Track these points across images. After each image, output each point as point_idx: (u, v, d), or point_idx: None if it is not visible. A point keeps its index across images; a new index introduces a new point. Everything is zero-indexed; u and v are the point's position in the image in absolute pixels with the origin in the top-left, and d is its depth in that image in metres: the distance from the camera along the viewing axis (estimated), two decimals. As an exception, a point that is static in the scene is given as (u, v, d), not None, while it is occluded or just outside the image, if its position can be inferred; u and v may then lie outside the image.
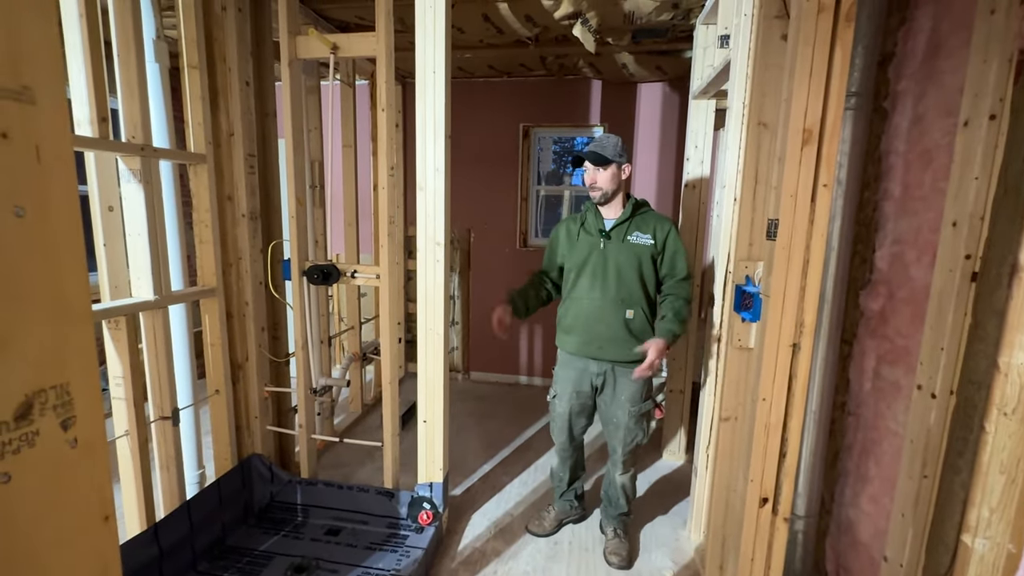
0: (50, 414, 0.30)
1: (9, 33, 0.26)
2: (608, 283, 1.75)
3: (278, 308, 2.25)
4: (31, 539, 0.29)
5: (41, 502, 0.29)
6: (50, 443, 0.30)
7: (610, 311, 1.75)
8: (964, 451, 1.08)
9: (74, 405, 0.31)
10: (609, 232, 1.77)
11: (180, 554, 1.69)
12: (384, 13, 1.75)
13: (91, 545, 0.32)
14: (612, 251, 1.75)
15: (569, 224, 1.88)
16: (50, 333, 0.30)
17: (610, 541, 1.95)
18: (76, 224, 0.31)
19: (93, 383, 0.33)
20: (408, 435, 2.63)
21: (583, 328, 1.79)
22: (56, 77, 0.28)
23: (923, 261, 1.27)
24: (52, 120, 0.28)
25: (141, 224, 1.60)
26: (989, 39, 1.04)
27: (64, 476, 0.31)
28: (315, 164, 2.54)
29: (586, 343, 1.79)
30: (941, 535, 1.13)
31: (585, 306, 1.78)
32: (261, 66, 2.08)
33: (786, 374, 1.19)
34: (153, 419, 1.73)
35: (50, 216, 0.29)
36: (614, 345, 1.76)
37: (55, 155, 0.29)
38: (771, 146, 1.45)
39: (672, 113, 3.36)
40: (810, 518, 1.62)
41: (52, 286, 0.30)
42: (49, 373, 0.30)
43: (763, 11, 1.41)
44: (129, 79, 1.53)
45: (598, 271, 1.76)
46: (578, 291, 1.80)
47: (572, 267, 1.82)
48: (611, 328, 1.75)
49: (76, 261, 0.31)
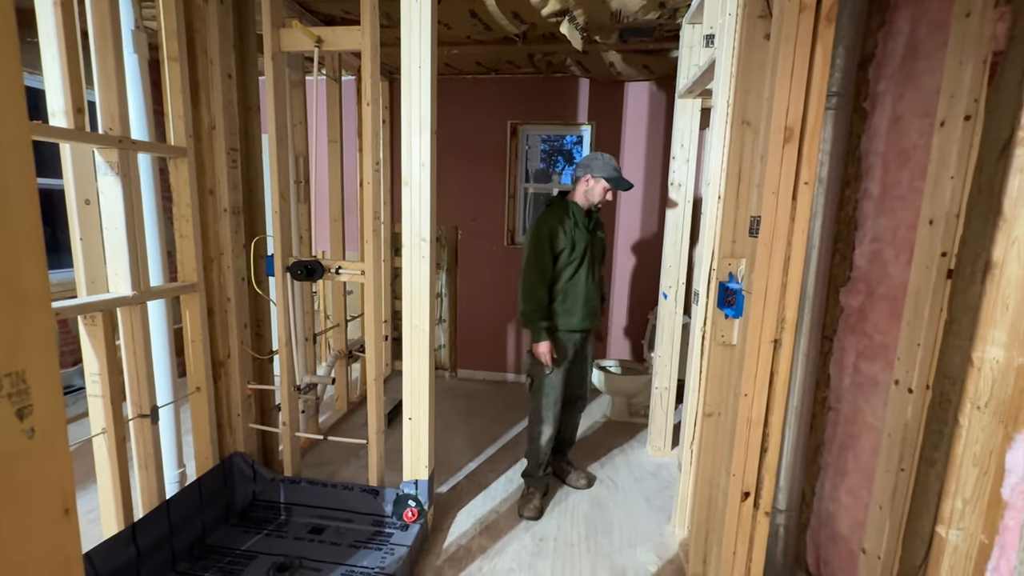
0: (4, 402, 0.29)
1: (-42, 6, 0.25)
2: (595, 269, 2.17)
3: (262, 305, 2.22)
4: (-16, 533, 0.28)
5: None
6: (5, 432, 0.29)
7: (594, 292, 2.18)
8: (939, 444, 1.10)
9: (31, 393, 0.30)
10: (591, 229, 2.17)
11: (159, 554, 1.66)
12: (369, 7, 1.73)
13: (51, 539, 0.31)
14: (594, 244, 2.17)
15: (560, 221, 2.11)
16: (4, 320, 0.29)
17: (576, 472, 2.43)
18: (33, 205, 0.29)
19: (52, 372, 0.32)
20: (394, 433, 2.61)
21: (582, 306, 2.14)
22: (9, 50, 0.27)
23: (901, 259, 1.29)
24: (6, 104, 0.27)
25: (119, 218, 1.57)
26: (964, 41, 1.06)
27: (21, 467, 0.30)
28: (300, 159, 2.51)
29: (584, 317, 2.16)
30: (917, 527, 1.16)
31: (583, 289, 2.14)
32: (244, 59, 2.04)
33: (768, 370, 1.21)
34: (131, 417, 1.69)
35: (6, 203, 0.28)
36: (594, 316, 2.21)
37: (8, 136, 0.28)
38: (754, 144, 1.47)
39: (659, 112, 3.38)
40: (791, 512, 1.64)
41: (8, 273, 0.29)
42: (3, 360, 0.28)
43: (747, 10, 1.42)
44: (106, 70, 1.49)
45: (587, 260, 2.13)
46: (578, 277, 2.12)
47: (576, 258, 2.11)
48: (594, 304, 2.19)
49: (33, 244, 0.30)
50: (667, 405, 2.63)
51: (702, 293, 1.76)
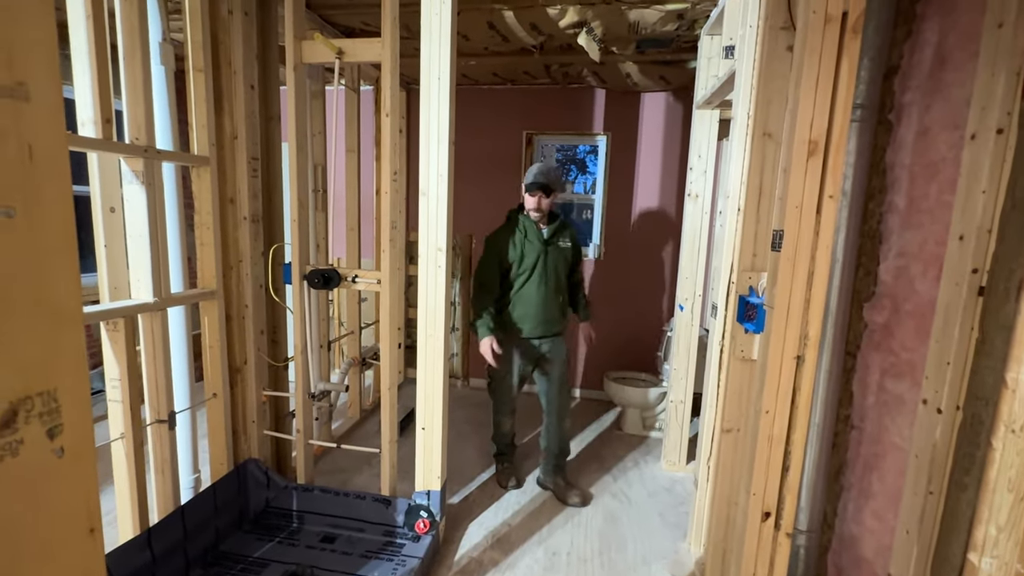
0: (35, 422, 0.28)
1: (5, 27, 0.25)
2: (549, 279, 2.25)
3: (278, 312, 2.24)
4: (14, 552, 0.27)
5: (25, 514, 0.28)
6: (35, 452, 0.29)
7: (551, 299, 2.26)
8: (971, 468, 1.06)
9: (61, 413, 0.30)
10: (547, 241, 2.24)
11: (173, 560, 1.67)
12: (390, 19, 1.75)
13: (76, 558, 0.31)
14: (550, 254, 2.24)
15: (507, 234, 2.23)
16: (38, 338, 0.29)
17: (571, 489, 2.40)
18: (69, 225, 0.30)
19: (82, 390, 0.32)
20: (406, 441, 2.61)
21: (534, 314, 2.24)
22: (52, 74, 0.27)
23: (928, 274, 1.26)
24: (46, 117, 0.27)
25: (142, 226, 1.60)
26: (997, 53, 1.03)
27: (49, 487, 0.30)
28: (318, 168, 2.54)
29: (536, 325, 2.25)
30: (947, 553, 1.11)
31: (535, 298, 2.22)
32: (266, 70, 2.08)
33: (790, 386, 1.18)
34: (149, 422, 1.71)
35: (42, 217, 0.28)
36: (553, 323, 2.28)
37: (49, 154, 0.28)
38: (775, 157, 1.45)
39: (675, 122, 3.37)
40: (812, 533, 1.59)
41: (42, 289, 0.29)
42: (36, 379, 0.28)
43: (769, 22, 1.41)
44: (134, 81, 1.53)
45: (542, 271, 2.22)
46: (527, 288, 2.22)
47: (526, 269, 2.20)
48: (552, 311, 2.28)
49: (68, 263, 0.30)
50: (682, 419, 2.59)
51: (720, 306, 1.73)
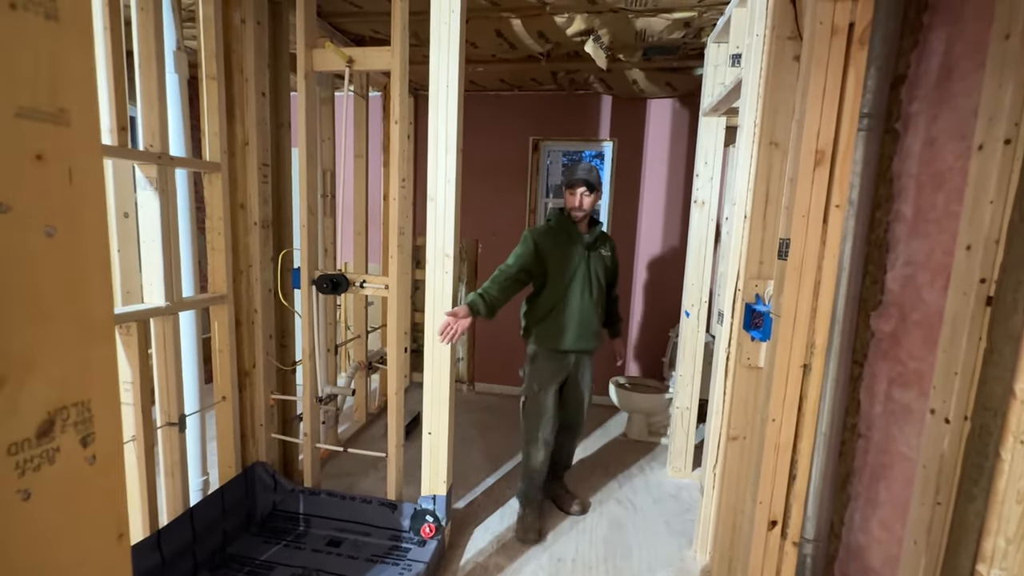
0: (71, 431, 0.30)
1: (51, 57, 0.27)
2: (593, 288, 2.06)
3: (286, 316, 2.26)
4: (50, 556, 0.29)
5: (60, 519, 0.29)
6: (70, 460, 0.30)
7: (592, 312, 2.07)
8: (979, 478, 1.06)
9: (94, 422, 0.31)
10: (589, 246, 2.07)
11: (182, 562, 1.68)
12: (400, 27, 1.77)
13: (107, 563, 0.32)
14: (592, 262, 2.07)
15: (549, 233, 2.07)
16: (74, 350, 0.30)
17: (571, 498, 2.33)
18: (104, 244, 0.31)
19: (114, 400, 0.33)
20: (412, 446, 2.62)
21: (576, 325, 2.04)
22: (91, 100, 0.29)
23: (936, 284, 1.26)
24: (85, 142, 0.29)
25: (155, 231, 1.62)
26: (1004, 63, 1.03)
27: (82, 493, 0.31)
28: (327, 174, 2.57)
29: (578, 338, 2.06)
30: (955, 565, 1.11)
31: (577, 307, 2.03)
32: (277, 77, 2.11)
33: (796, 395, 1.18)
34: (160, 424, 1.73)
35: (79, 235, 0.29)
36: (590, 338, 2.09)
37: (86, 176, 0.29)
38: (782, 165, 1.45)
39: (682, 129, 3.37)
40: (819, 542, 1.59)
41: (78, 305, 0.30)
42: (72, 390, 0.30)
43: (775, 32, 1.41)
44: (149, 89, 1.56)
45: (585, 278, 2.04)
46: (571, 295, 2.03)
47: (569, 273, 2.03)
48: (592, 325, 2.09)
49: (102, 279, 0.31)
50: (688, 425, 2.58)
51: (727, 313, 1.73)
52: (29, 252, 0.27)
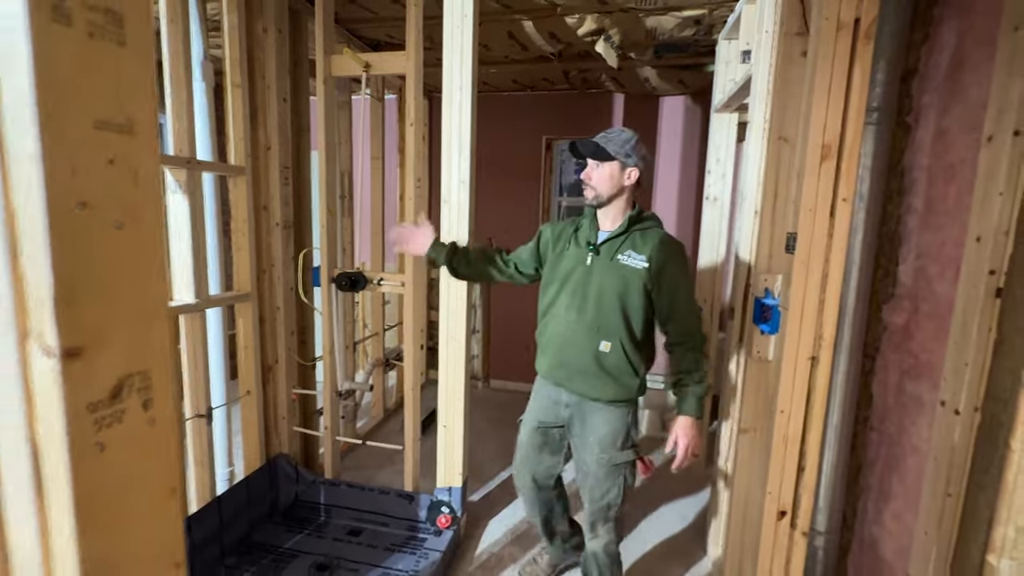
0: (135, 396, 0.35)
1: (121, 77, 0.32)
2: (586, 306, 1.45)
3: (306, 313, 2.34)
4: (120, 503, 0.34)
5: (127, 471, 0.34)
6: (134, 421, 0.35)
7: (583, 338, 1.45)
8: (989, 469, 1.06)
9: (152, 389, 0.36)
10: (598, 246, 1.46)
11: (210, 548, 1.76)
12: (414, 33, 1.83)
13: (163, 511, 0.37)
14: (597, 269, 1.45)
15: (563, 228, 1.60)
16: (137, 327, 0.35)
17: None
18: (160, 236, 0.36)
19: (167, 371, 0.38)
20: (428, 440, 2.67)
21: (554, 350, 1.53)
22: (151, 112, 0.34)
23: (947, 276, 1.26)
24: (147, 148, 0.34)
25: (185, 232, 1.70)
26: (1013, 55, 1.04)
27: (143, 450, 0.36)
28: (344, 175, 2.64)
29: (554, 367, 1.54)
30: (966, 554, 1.11)
31: (560, 327, 1.50)
32: (297, 83, 2.19)
33: (804, 387, 1.20)
34: (188, 417, 1.82)
35: (142, 229, 0.34)
36: (582, 377, 1.48)
37: (148, 177, 0.34)
38: (791, 160, 1.46)
39: (694, 126, 3.37)
40: (831, 534, 1.59)
41: (141, 288, 0.35)
42: (135, 361, 0.35)
43: (784, 28, 1.43)
44: (179, 98, 1.64)
45: (578, 290, 1.46)
46: (556, 309, 1.52)
47: (553, 280, 1.53)
48: (581, 357, 1.46)
49: (159, 268, 0.36)
50: (703, 419, 2.58)
51: (737, 307, 1.75)
52: (103, 242, 0.32)
